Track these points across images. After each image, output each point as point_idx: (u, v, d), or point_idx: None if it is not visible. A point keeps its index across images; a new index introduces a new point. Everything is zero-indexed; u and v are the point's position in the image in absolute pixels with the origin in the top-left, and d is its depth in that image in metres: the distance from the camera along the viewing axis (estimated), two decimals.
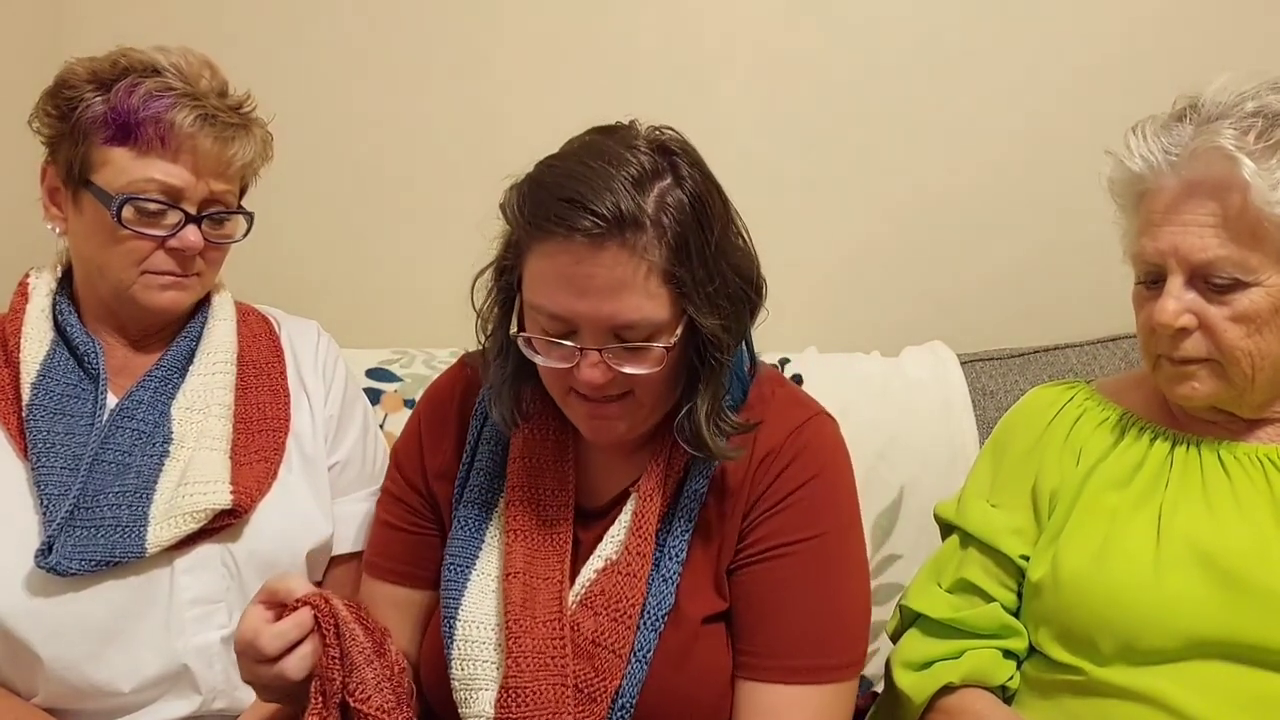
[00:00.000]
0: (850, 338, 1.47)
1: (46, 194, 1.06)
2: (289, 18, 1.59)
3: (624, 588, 0.90)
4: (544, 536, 0.94)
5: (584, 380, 0.85)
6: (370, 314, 1.59)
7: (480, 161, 1.58)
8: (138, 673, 0.98)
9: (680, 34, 1.56)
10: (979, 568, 1.00)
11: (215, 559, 1.02)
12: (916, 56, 1.55)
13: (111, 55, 1.03)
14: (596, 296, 0.82)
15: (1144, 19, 1.51)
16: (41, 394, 1.01)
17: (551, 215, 0.82)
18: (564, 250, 0.82)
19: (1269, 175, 0.86)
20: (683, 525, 0.92)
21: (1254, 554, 0.88)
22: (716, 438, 0.89)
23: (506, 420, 0.95)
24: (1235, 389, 0.92)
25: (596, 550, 0.94)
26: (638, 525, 0.92)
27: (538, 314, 0.86)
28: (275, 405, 1.12)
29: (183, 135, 1.00)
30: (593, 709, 0.87)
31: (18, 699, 0.98)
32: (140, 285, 1.03)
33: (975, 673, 0.96)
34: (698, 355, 0.88)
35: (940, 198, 1.57)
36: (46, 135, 1.04)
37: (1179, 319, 0.90)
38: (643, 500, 0.92)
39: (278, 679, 0.80)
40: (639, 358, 0.85)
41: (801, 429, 0.95)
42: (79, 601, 0.96)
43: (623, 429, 0.90)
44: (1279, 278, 0.89)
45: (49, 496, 0.97)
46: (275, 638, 0.79)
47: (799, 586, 0.91)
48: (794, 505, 0.92)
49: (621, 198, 0.81)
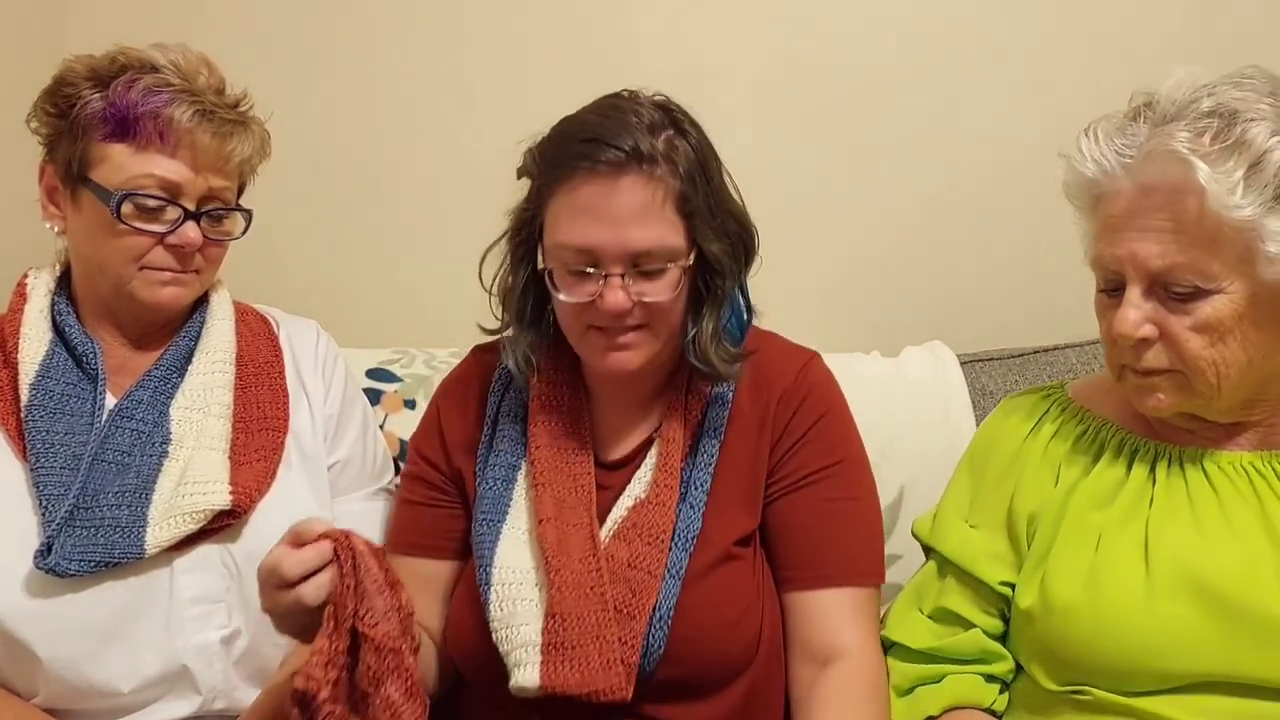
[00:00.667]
0: (850, 338, 1.47)
1: (45, 193, 1.06)
2: (290, 18, 1.59)
3: (654, 516, 0.98)
4: (570, 486, 1.01)
5: (607, 306, 0.93)
6: (370, 314, 1.59)
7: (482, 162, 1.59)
8: (137, 673, 0.98)
9: (682, 39, 1.56)
10: (958, 595, 0.98)
11: (215, 559, 1.02)
12: (916, 60, 1.55)
13: (110, 53, 1.03)
14: (618, 223, 0.92)
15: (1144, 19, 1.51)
16: (40, 394, 1.01)
17: (574, 154, 0.93)
18: (587, 182, 0.92)
19: (1225, 179, 0.81)
20: (705, 460, 1.01)
21: (1246, 576, 0.86)
22: (721, 360, 1.00)
23: (522, 368, 1.03)
24: (1202, 399, 0.89)
25: (626, 490, 1.02)
26: (664, 464, 1.01)
27: (562, 251, 0.95)
28: (274, 405, 1.11)
29: (181, 131, 1.00)
30: (633, 626, 0.93)
31: (18, 699, 0.98)
32: (140, 281, 1.03)
33: (959, 699, 0.95)
34: (705, 285, 0.99)
35: (940, 199, 1.58)
36: (45, 134, 1.04)
37: (1139, 329, 0.86)
38: (666, 444, 1.01)
39: (295, 604, 0.82)
40: (656, 282, 0.94)
41: (807, 369, 1.06)
42: (78, 602, 0.96)
43: (638, 360, 0.98)
44: (1241, 284, 0.84)
45: (48, 497, 0.97)
46: (296, 564, 0.82)
47: (828, 507, 1.01)
48: (814, 439, 1.03)
49: (638, 137, 0.92)
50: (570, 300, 0.95)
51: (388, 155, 1.60)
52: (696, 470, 1.01)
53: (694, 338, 1.00)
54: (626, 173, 0.91)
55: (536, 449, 1.02)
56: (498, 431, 1.06)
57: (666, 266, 0.94)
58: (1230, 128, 0.83)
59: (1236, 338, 0.85)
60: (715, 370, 1.00)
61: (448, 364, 1.44)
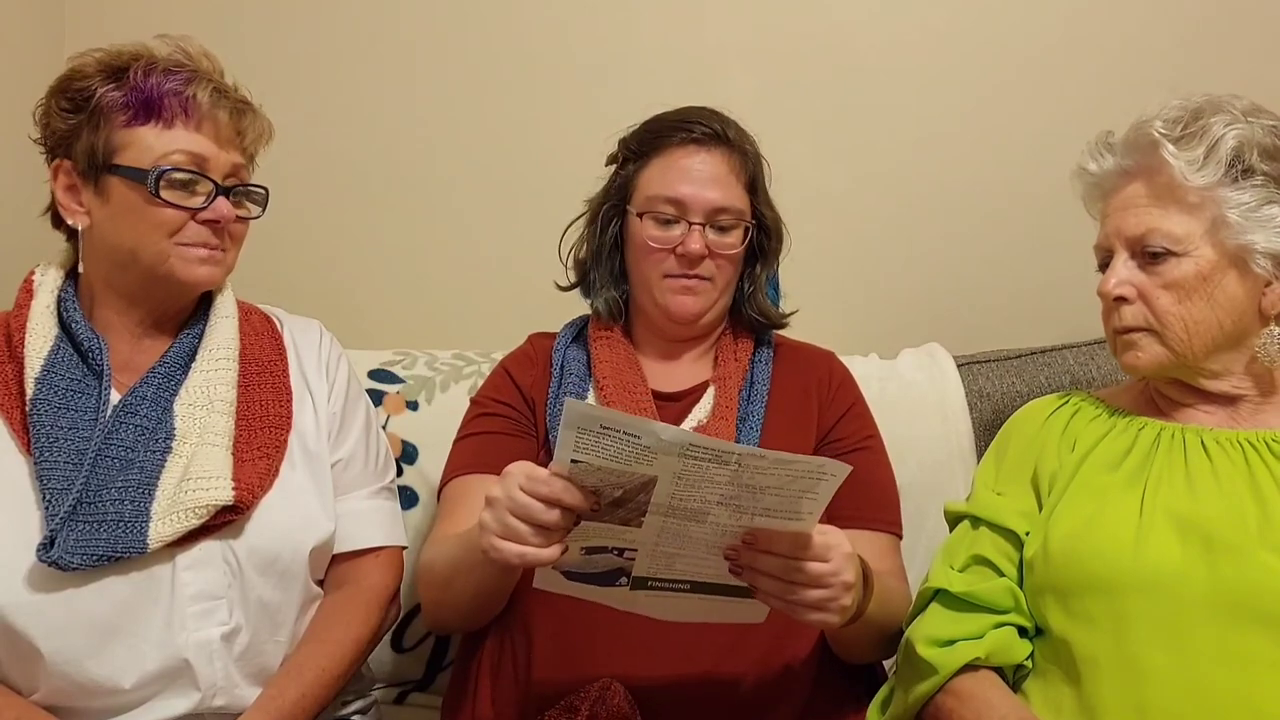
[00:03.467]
0: (848, 340, 1.48)
1: (63, 193, 1.06)
2: (291, 20, 1.60)
3: (717, 432, 1.12)
4: (634, 407, 1.15)
5: (688, 250, 1.15)
6: (372, 315, 1.60)
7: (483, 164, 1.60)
8: (138, 668, 0.98)
9: (683, 38, 1.58)
10: (989, 544, 1.05)
11: (217, 555, 1.02)
12: (913, 60, 1.57)
13: (113, 49, 1.05)
14: (704, 183, 1.16)
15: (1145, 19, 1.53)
16: (46, 389, 1.01)
17: (674, 128, 1.18)
18: (681, 151, 1.18)
19: (1188, 154, 0.98)
20: (757, 403, 1.17)
21: (1229, 521, 0.93)
22: (770, 309, 1.24)
23: (611, 308, 1.23)
24: (1177, 356, 1.01)
25: (689, 415, 1.17)
26: (721, 399, 1.17)
27: (656, 202, 1.17)
28: (277, 403, 1.12)
29: (203, 107, 1.04)
30: None
31: (18, 697, 0.98)
32: (177, 258, 1.04)
33: (997, 651, 0.99)
34: (759, 249, 1.23)
35: (937, 201, 1.59)
36: (59, 131, 1.05)
37: (1118, 289, 1.02)
38: (722, 381, 1.19)
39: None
40: (726, 236, 1.18)
41: (832, 360, 1.28)
42: (81, 596, 0.96)
43: (702, 304, 1.18)
44: (1207, 250, 0.99)
45: (52, 491, 0.97)
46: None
47: (871, 469, 1.18)
48: (853, 416, 1.22)
49: (724, 124, 1.19)
50: (658, 242, 1.16)
51: (391, 158, 1.61)
52: (752, 404, 1.17)
53: (750, 292, 1.23)
54: (713, 147, 1.17)
55: (601, 385, 1.17)
56: (565, 375, 1.20)
57: (736, 223, 1.18)
58: (1196, 120, 1.00)
59: (1201, 298, 0.99)
60: (766, 315, 1.23)
61: (450, 365, 1.45)
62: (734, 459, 0.79)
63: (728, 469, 0.79)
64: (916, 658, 1.00)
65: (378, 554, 1.16)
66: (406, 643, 1.40)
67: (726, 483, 0.80)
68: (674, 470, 0.79)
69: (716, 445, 0.78)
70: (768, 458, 0.78)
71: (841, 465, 0.79)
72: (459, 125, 1.59)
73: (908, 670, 1.02)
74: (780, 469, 0.79)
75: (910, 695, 1.00)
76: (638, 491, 0.81)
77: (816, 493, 0.81)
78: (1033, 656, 1.02)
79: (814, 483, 0.80)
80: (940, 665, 0.98)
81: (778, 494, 0.81)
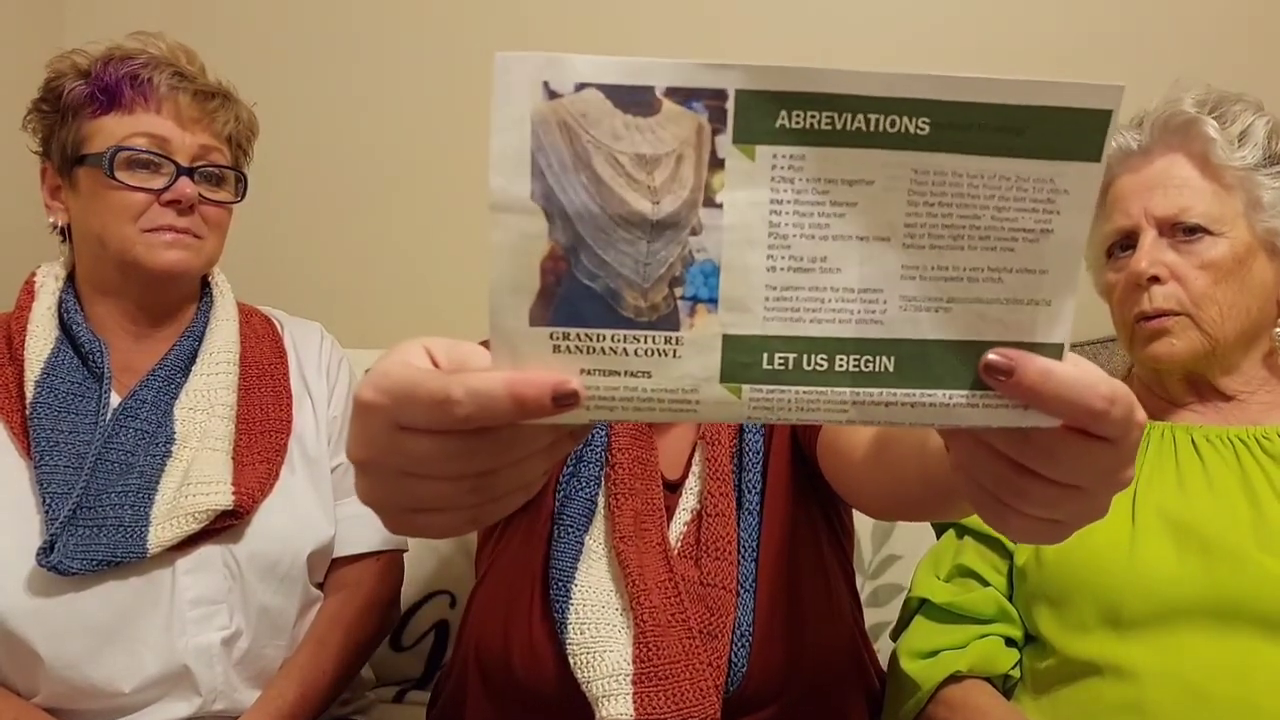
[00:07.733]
0: None
1: (48, 194, 1.07)
2: (291, 20, 1.59)
3: (714, 527, 0.97)
4: (644, 501, 0.99)
5: None
6: (373, 316, 1.59)
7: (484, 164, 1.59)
8: (138, 673, 0.98)
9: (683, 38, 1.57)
10: (975, 554, 1.03)
11: (216, 560, 1.02)
12: (914, 59, 1.56)
13: (85, 50, 1.06)
14: None
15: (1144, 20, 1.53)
16: (46, 392, 1.00)
17: None
18: None
19: (1227, 132, 0.96)
20: (752, 460, 1.01)
21: (1222, 521, 0.91)
22: None
23: None
24: (1211, 341, 0.97)
25: (679, 506, 1.00)
26: (712, 470, 0.99)
27: None
28: (277, 406, 1.12)
29: (163, 91, 1.04)
30: (715, 645, 0.91)
31: (18, 699, 0.98)
32: (142, 244, 1.03)
33: (981, 661, 0.97)
34: None
35: None
36: (42, 131, 1.06)
37: (1152, 268, 0.96)
38: (710, 446, 1.01)
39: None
40: None
41: None
42: (80, 601, 0.96)
43: None
44: (1242, 231, 0.97)
45: (52, 495, 0.96)
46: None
47: None
48: None
49: None
50: None
51: (391, 157, 1.61)
52: (746, 474, 1.00)
53: None
54: None
55: (615, 465, 1.00)
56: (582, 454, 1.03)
57: None
58: (1220, 106, 0.99)
59: (1236, 281, 0.96)
60: None
61: None
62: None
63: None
64: (901, 673, 1.00)
65: (377, 558, 1.16)
66: (405, 641, 1.40)
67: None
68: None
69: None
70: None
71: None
72: (460, 125, 1.58)
73: (895, 686, 1.02)
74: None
75: (900, 712, 0.99)
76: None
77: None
78: (1020, 666, 1.01)
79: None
80: (923, 680, 0.97)
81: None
